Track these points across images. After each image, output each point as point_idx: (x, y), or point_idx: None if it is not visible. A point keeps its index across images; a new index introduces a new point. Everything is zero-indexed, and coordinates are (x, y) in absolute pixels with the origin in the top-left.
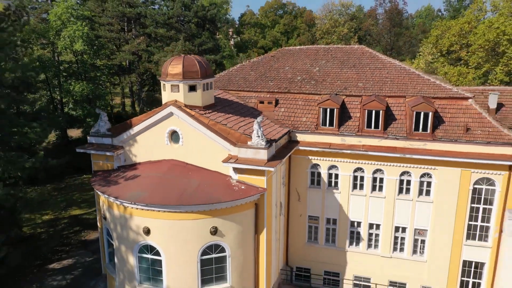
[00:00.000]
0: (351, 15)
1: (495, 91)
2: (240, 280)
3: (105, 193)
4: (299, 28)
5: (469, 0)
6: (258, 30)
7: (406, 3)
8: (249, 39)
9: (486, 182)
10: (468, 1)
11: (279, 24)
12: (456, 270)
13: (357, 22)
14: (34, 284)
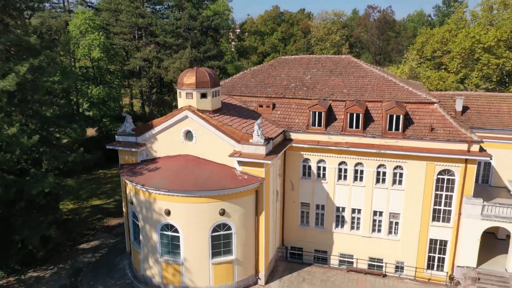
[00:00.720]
0: (343, 23)
1: (462, 96)
2: (243, 254)
3: (132, 182)
4: (295, 35)
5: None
6: (257, 37)
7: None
8: (250, 45)
9: (447, 173)
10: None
11: (277, 32)
12: (424, 247)
13: (348, 30)
14: (69, 260)
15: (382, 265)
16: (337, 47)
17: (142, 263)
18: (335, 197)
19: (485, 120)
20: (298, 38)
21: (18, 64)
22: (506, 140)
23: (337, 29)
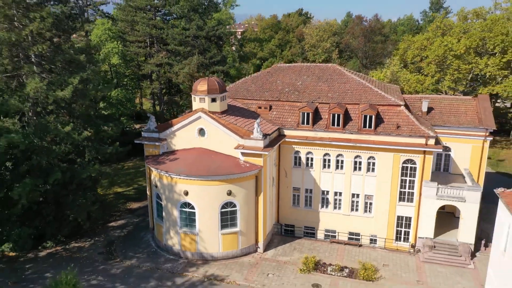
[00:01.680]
0: (334, 31)
1: (428, 99)
2: (245, 227)
3: (157, 169)
4: (291, 42)
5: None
6: (257, 44)
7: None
8: (250, 51)
9: (410, 162)
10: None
11: (275, 39)
12: (393, 222)
13: (338, 37)
14: (102, 235)
15: (359, 238)
16: (328, 53)
17: (165, 235)
18: (321, 182)
19: (446, 119)
20: (293, 44)
21: (71, 77)
22: (462, 136)
23: (328, 36)
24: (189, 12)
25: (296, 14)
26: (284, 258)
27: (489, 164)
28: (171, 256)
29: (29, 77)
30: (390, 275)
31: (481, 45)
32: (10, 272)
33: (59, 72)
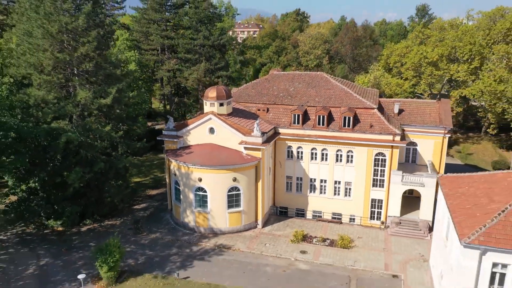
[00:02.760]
0: (325, 39)
1: (399, 102)
2: (247, 208)
3: (176, 160)
4: (286, 49)
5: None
6: (256, 51)
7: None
8: (250, 57)
9: (381, 155)
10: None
11: (272, 46)
12: (368, 204)
13: (329, 45)
14: (129, 215)
15: (340, 217)
16: (319, 59)
17: (182, 214)
18: (309, 172)
19: (413, 119)
20: (289, 51)
21: (110, 88)
22: (426, 133)
23: (319, 44)
24: (197, 24)
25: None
26: (279, 232)
27: (459, 157)
28: (187, 230)
29: (77, 88)
30: (363, 244)
31: (453, 53)
32: (61, 242)
33: (100, 83)
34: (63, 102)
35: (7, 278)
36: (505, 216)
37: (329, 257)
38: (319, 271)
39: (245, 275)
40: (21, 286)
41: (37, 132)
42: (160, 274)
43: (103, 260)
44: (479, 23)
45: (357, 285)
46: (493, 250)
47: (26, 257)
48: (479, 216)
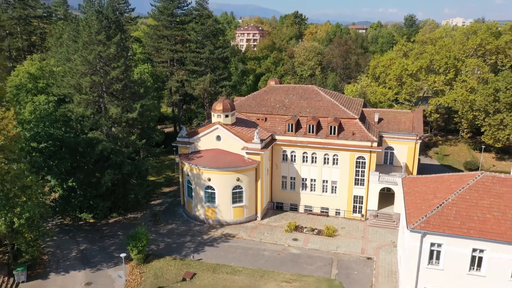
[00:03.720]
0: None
1: (379, 112)
2: (249, 203)
3: (189, 163)
4: (283, 59)
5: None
6: (256, 62)
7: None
8: (250, 68)
9: (361, 158)
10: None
11: (270, 57)
12: (351, 200)
13: (321, 56)
14: (148, 210)
15: (328, 211)
16: (313, 69)
17: (193, 208)
18: (301, 172)
19: (390, 127)
20: (285, 62)
21: (135, 104)
22: (401, 139)
23: (313, 56)
24: (203, 39)
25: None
26: (275, 224)
27: (437, 158)
28: (198, 222)
29: (109, 105)
30: (345, 233)
31: (431, 65)
32: (94, 232)
33: (126, 100)
34: (97, 116)
35: (56, 259)
36: (441, 209)
37: (316, 243)
38: (308, 254)
39: (247, 258)
40: (68, 265)
41: (77, 141)
42: (178, 257)
43: (134, 244)
44: (455, 38)
45: (338, 265)
46: (430, 233)
47: (68, 243)
48: (424, 209)
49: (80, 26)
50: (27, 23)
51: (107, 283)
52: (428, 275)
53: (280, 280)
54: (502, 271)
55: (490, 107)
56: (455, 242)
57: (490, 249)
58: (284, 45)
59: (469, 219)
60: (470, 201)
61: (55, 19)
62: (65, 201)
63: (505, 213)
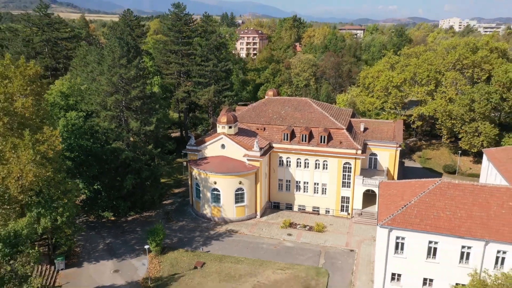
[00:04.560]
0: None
1: (363, 122)
2: (249, 203)
3: (197, 168)
4: (281, 70)
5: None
6: (255, 73)
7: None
8: (250, 78)
9: (348, 164)
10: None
11: (268, 68)
12: (339, 200)
13: (315, 68)
14: (160, 209)
15: (318, 210)
16: (307, 80)
17: (201, 207)
18: (295, 176)
19: (374, 136)
20: (282, 72)
21: (151, 118)
22: (384, 146)
23: (307, 68)
24: (207, 53)
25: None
26: (272, 221)
27: (420, 161)
28: (205, 220)
29: (129, 119)
30: (333, 229)
31: (414, 77)
32: (116, 228)
33: (144, 114)
34: (119, 129)
35: (87, 251)
36: (405, 209)
37: (307, 238)
38: (300, 247)
39: (248, 250)
40: (98, 256)
41: (103, 151)
42: (189, 249)
43: (153, 239)
44: (437, 52)
45: (325, 256)
46: (396, 229)
47: (95, 238)
48: (392, 209)
49: (104, 51)
50: (54, 44)
51: (131, 270)
52: (394, 263)
53: (276, 268)
54: (451, 258)
55: (466, 116)
56: (415, 236)
57: (442, 241)
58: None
59: (426, 217)
60: (429, 202)
61: (76, 40)
62: (92, 201)
63: (455, 213)
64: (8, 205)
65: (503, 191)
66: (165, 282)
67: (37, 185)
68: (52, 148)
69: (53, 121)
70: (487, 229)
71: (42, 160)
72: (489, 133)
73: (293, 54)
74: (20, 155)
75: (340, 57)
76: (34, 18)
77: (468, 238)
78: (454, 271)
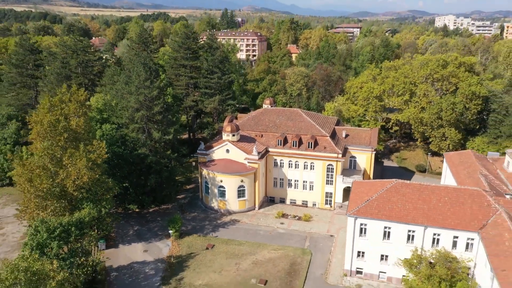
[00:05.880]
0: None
1: (345, 130)
2: (249, 197)
3: (206, 169)
4: (277, 80)
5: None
6: (254, 83)
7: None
8: (250, 89)
9: (330, 165)
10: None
11: (266, 79)
12: (323, 195)
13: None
14: (175, 202)
15: (307, 203)
16: (300, 90)
17: (210, 201)
18: (288, 175)
19: (354, 141)
20: (278, 82)
21: (170, 128)
22: (361, 150)
23: (300, 79)
24: (212, 67)
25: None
26: (268, 212)
27: (396, 161)
28: (213, 211)
29: (151, 130)
30: (318, 219)
31: (392, 88)
32: (140, 218)
33: (164, 126)
34: (144, 138)
35: (120, 236)
36: (368, 203)
37: (296, 226)
38: (290, 233)
39: (248, 235)
40: (129, 240)
41: (131, 156)
42: (201, 235)
43: (172, 226)
44: (413, 66)
45: (309, 240)
46: (360, 218)
47: (125, 226)
48: (358, 202)
49: (132, 75)
50: (86, 65)
51: (157, 250)
52: (360, 243)
53: (270, 249)
54: (401, 239)
55: (435, 123)
56: (374, 223)
57: (394, 227)
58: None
59: (383, 209)
60: (385, 198)
61: (104, 61)
62: (122, 196)
63: (404, 205)
64: (63, 200)
65: (441, 189)
66: (184, 259)
67: (88, 184)
68: (100, 156)
69: (94, 133)
70: (427, 218)
71: (93, 166)
72: (453, 138)
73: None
74: (76, 162)
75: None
76: (70, 44)
77: (413, 224)
78: (402, 249)
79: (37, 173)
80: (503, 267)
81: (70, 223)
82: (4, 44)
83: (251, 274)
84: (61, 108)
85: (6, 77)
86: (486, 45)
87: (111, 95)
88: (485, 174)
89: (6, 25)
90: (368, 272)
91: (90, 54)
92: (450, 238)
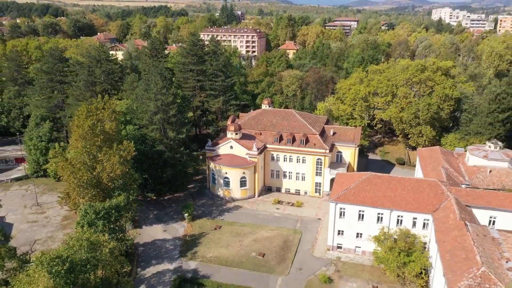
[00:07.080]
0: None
1: (333, 128)
2: (250, 186)
3: (213, 162)
4: (274, 82)
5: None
6: (254, 85)
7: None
8: (250, 90)
9: (319, 159)
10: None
11: (264, 81)
12: (313, 185)
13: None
14: (186, 191)
15: (299, 191)
16: (295, 91)
17: (216, 190)
18: (283, 167)
19: (341, 138)
20: (275, 84)
21: (182, 129)
22: (346, 146)
23: (295, 80)
24: (217, 71)
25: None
26: (266, 199)
27: (380, 155)
28: (219, 199)
29: (167, 130)
30: (308, 205)
31: (376, 90)
32: (157, 204)
33: (178, 126)
34: (161, 137)
35: (142, 219)
36: (347, 191)
37: (290, 211)
38: (284, 216)
39: (249, 218)
40: (150, 222)
41: (151, 152)
42: (210, 218)
43: (186, 211)
44: (395, 69)
45: (301, 222)
46: (339, 203)
47: (145, 210)
48: (339, 190)
49: (151, 84)
50: (109, 73)
51: (174, 230)
52: (339, 223)
53: (267, 230)
54: (372, 220)
55: (413, 122)
56: (351, 207)
57: (367, 210)
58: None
59: (358, 196)
60: (361, 187)
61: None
62: (143, 186)
63: (375, 193)
64: (98, 189)
65: (406, 180)
66: (197, 237)
67: (119, 176)
68: (129, 153)
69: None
70: (393, 203)
71: (123, 161)
72: (429, 135)
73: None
74: (110, 158)
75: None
76: (95, 55)
77: (381, 208)
78: (373, 228)
79: (79, 167)
80: (444, 240)
81: (111, 207)
82: (24, 47)
83: (252, 249)
84: (96, 114)
85: (38, 82)
86: (472, 43)
87: (131, 99)
88: (446, 167)
89: (14, 22)
90: (346, 247)
91: (112, 63)
92: (411, 219)
